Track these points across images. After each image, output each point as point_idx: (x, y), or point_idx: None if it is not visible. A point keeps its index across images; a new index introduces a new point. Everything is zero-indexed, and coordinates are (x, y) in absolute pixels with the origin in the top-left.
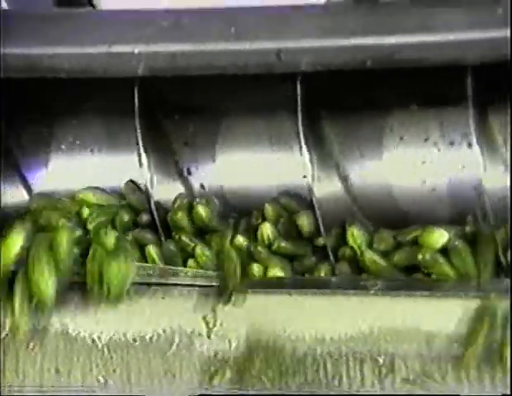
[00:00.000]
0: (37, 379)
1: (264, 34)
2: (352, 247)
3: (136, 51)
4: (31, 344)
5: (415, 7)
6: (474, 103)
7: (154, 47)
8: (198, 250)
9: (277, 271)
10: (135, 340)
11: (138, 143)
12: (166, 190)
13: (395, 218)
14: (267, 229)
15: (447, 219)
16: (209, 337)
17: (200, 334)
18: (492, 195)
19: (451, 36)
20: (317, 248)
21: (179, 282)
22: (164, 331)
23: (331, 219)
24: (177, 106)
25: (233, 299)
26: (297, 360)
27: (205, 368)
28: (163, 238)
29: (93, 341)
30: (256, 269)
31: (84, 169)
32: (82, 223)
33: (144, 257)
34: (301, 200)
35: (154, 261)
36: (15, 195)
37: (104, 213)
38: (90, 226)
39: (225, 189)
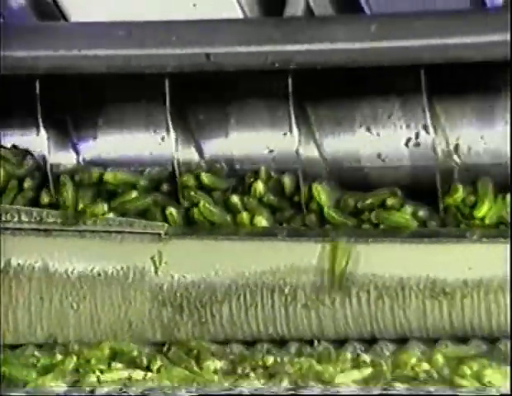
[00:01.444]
0: (26, 304)
1: (197, 41)
2: (317, 202)
3: (99, 54)
4: (21, 276)
5: (309, 23)
6: (427, 94)
7: (111, 51)
8: (201, 201)
9: (261, 219)
10: (99, 274)
11: (168, 124)
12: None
13: (356, 179)
14: (259, 186)
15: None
16: (156, 272)
17: (149, 270)
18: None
19: (334, 45)
20: (295, 203)
21: (133, 230)
22: (122, 267)
23: (308, 178)
24: (201, 96)
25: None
26: (224, 291)
27: (154, 296)
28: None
29: (67, 275)
30: (245, 216)
31: (123, 141)
32: None
33: (164, 217)
34: (287, 163)
35: (173, 220)
36: (65, 157)
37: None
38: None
39: (234, 157)
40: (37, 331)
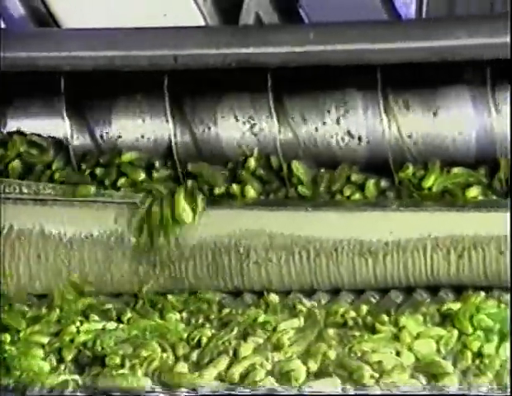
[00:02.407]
0: (27, 261)
1: (167, 45)
2: (297, 177)
3: (87, 55)
4: (22, 238)
5: (258, 31)
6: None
7: (98, 53)
8: None
9: (250, 189)
10: (87, 237)
11: (167, 112)
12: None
13: (325, 158)
14: (251, 161)
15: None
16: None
17: (128, 234)
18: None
19: (279, 49)
20: (281, 178)
21: (114, 200)
22: (105, 231)
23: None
24: (196, 90)
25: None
26: (189, 250)
27: (132, 255)
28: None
29: (60, 237)
30: (235, 187)
31: (130, 125)
32: None
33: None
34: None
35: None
36: (81, 139)
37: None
38: None
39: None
40: (36, 283)
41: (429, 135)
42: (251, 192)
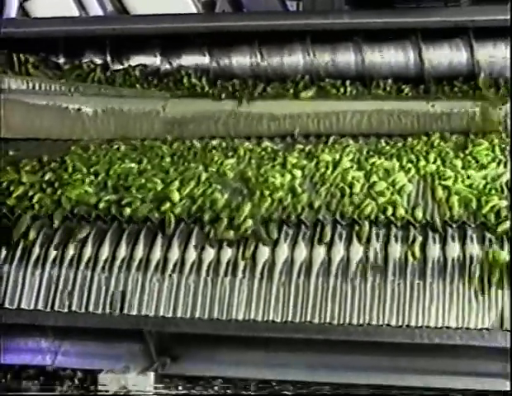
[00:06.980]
0: (113, 127)
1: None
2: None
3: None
4: (110, 114)
5: (226, 15)
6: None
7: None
8: None
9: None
10: (142, 111)
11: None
12: None
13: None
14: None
15: None
16: (164, 112)
17: (161, 111)
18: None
19: (237, 23)
20: None
21: (159, 95)
22: (151, 108)
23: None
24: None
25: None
26: (194, 117)
27: (163, 122)
28: None
29: (130, 113)
30: (270, 90)
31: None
32: None
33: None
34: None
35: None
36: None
37: None
38: None
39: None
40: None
41: (378, 65)
42: (309, 94)
